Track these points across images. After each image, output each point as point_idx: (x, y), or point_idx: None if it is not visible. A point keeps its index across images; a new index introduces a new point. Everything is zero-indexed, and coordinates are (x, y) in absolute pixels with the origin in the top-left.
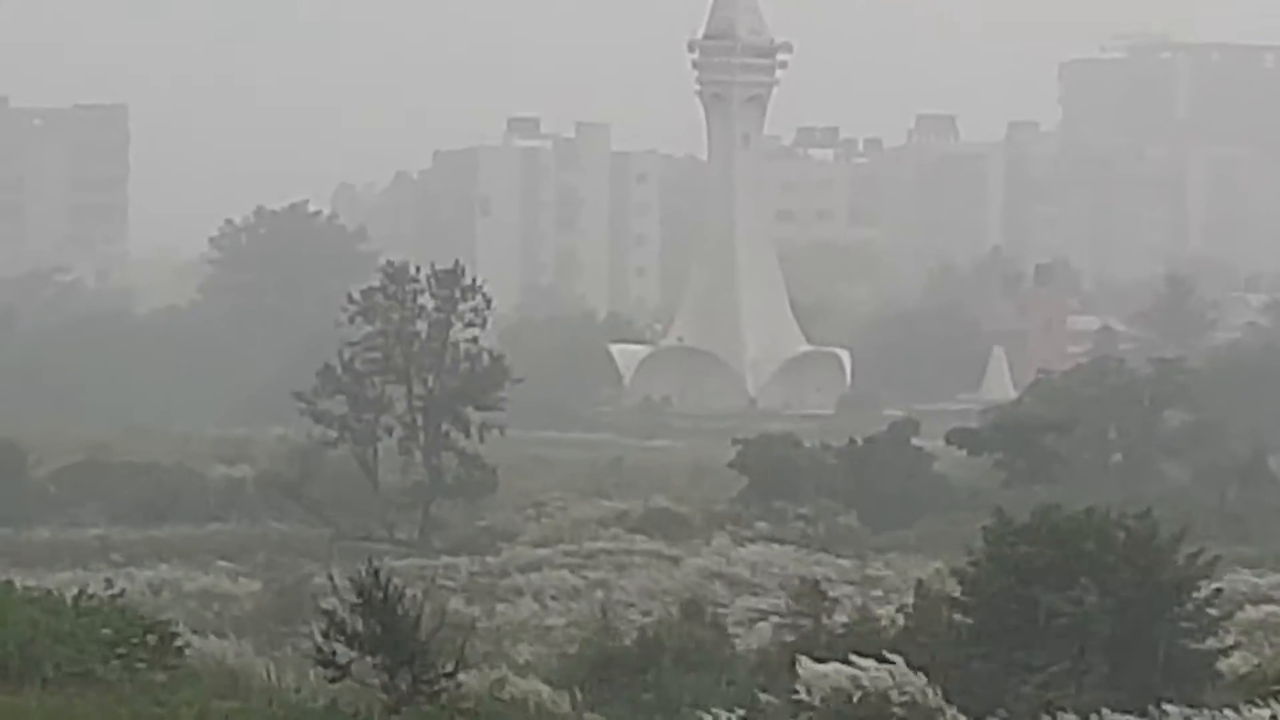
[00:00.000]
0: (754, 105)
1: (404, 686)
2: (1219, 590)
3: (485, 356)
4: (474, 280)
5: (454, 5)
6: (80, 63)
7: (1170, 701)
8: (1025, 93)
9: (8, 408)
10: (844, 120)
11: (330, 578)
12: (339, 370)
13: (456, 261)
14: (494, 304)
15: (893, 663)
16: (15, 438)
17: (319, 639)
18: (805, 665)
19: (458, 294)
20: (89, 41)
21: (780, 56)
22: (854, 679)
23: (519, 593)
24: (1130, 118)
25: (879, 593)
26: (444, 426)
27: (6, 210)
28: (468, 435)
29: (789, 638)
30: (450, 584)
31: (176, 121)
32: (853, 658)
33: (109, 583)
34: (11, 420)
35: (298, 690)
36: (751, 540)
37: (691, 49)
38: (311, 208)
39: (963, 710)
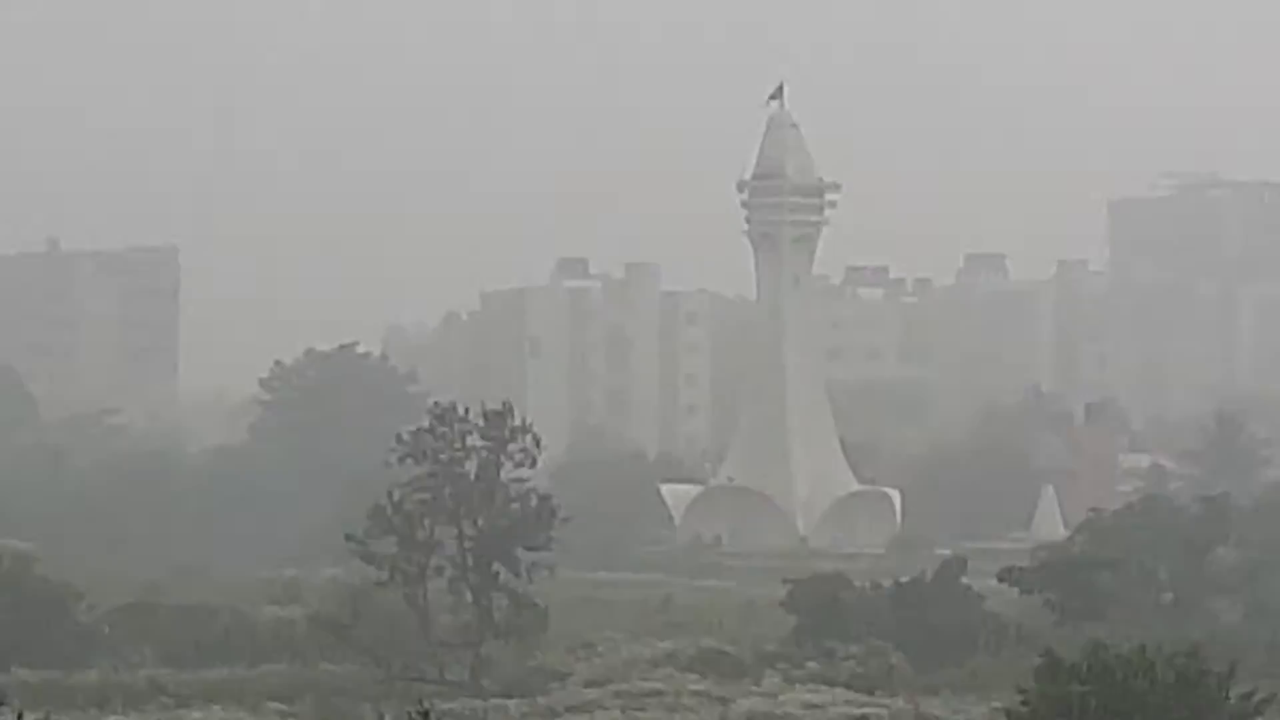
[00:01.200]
0: (803, 245)
1: None
2: None
3: (533, 497)
4: (523, 420)
5: (501, 145)
6: (131, 204)
7: None
8: (1074, 231)
9: (58, 548)
10: (893, 259)
11: (381, 718)
12: (389, 511)
13: (505, 402)
14: (544, 444)
15: None
16: (66, 578)
17: None
18: None
19: (507, 434)
20: (139, 183)
21: (829, 196)
22: None
23: None
24: (1179, 255)
25: None
26: (494, 567)
27: (58, 351)
28: (518, 575)
29: None
30: None
31: (226, 263)
32: None
33: None
34: (62, 561)
35: None
36: (802, 680)
37: (740, 189)
38: (361, 348)
39: None
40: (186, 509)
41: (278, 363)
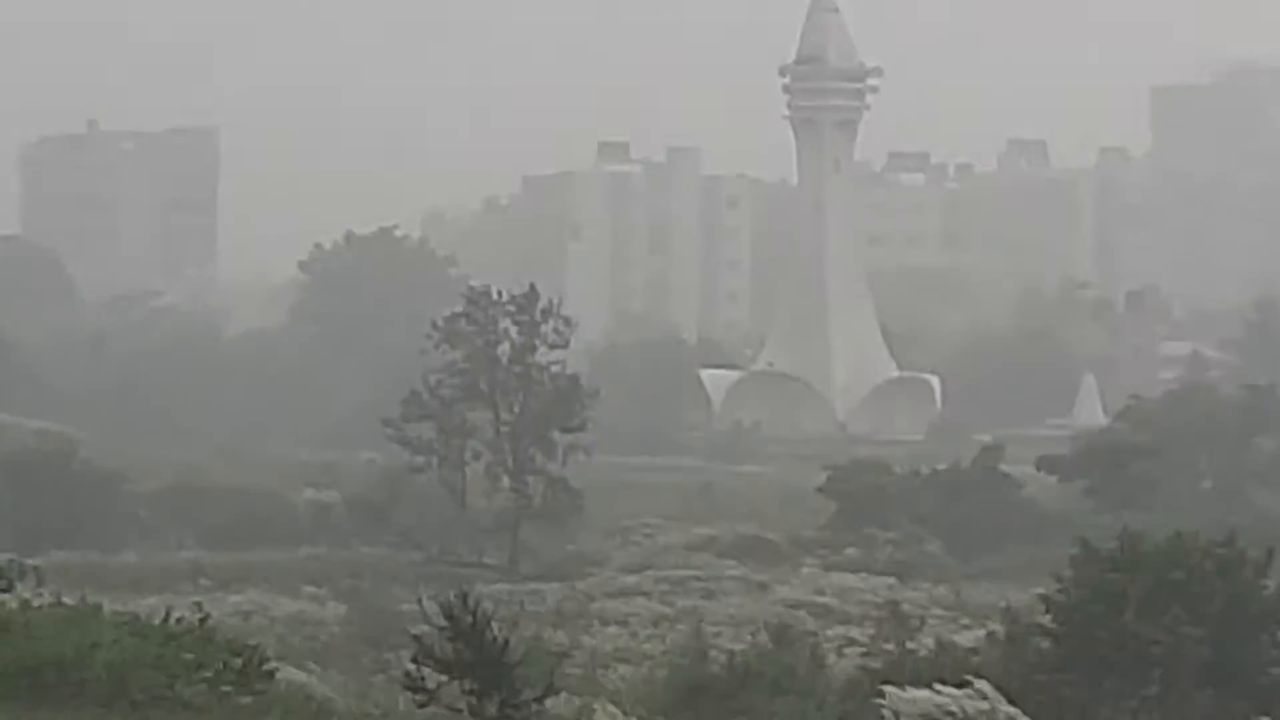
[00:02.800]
0: (845, 130)
1: (492, 711)
2: None
3: (563, 378)
4: (551, 302)
5: (543, 29)
6: (172, 86)
7: None
8: (1117, 118)
9: (99, 431)
10: (935, 145)
11: (419, 602)
12: (425, 396)
13: (531, 284)
14: (580, 326)
15: (980, 688)
16: (106, 461)
17: (408, 664)
18: (892, 693)
19: (537, 316)
20: (180, 65)
21: (871, 81)
22: (942, 705)
23: (606, 620)
24: (1222, 143)
25: (968, 620)
26: (530, 450)
27: (99, 233)
28: (553, 459)
29: (876, 665)
30: (539, 610)
31: (267, 145)
32: (939, 685)
33: (198, 606)
34: (103, 443)
35: (386, 716)
36: (841, 567)
37: (782, 73)
38: (400, 232)
39: None
40: (226, 392)
41: (317, 245)
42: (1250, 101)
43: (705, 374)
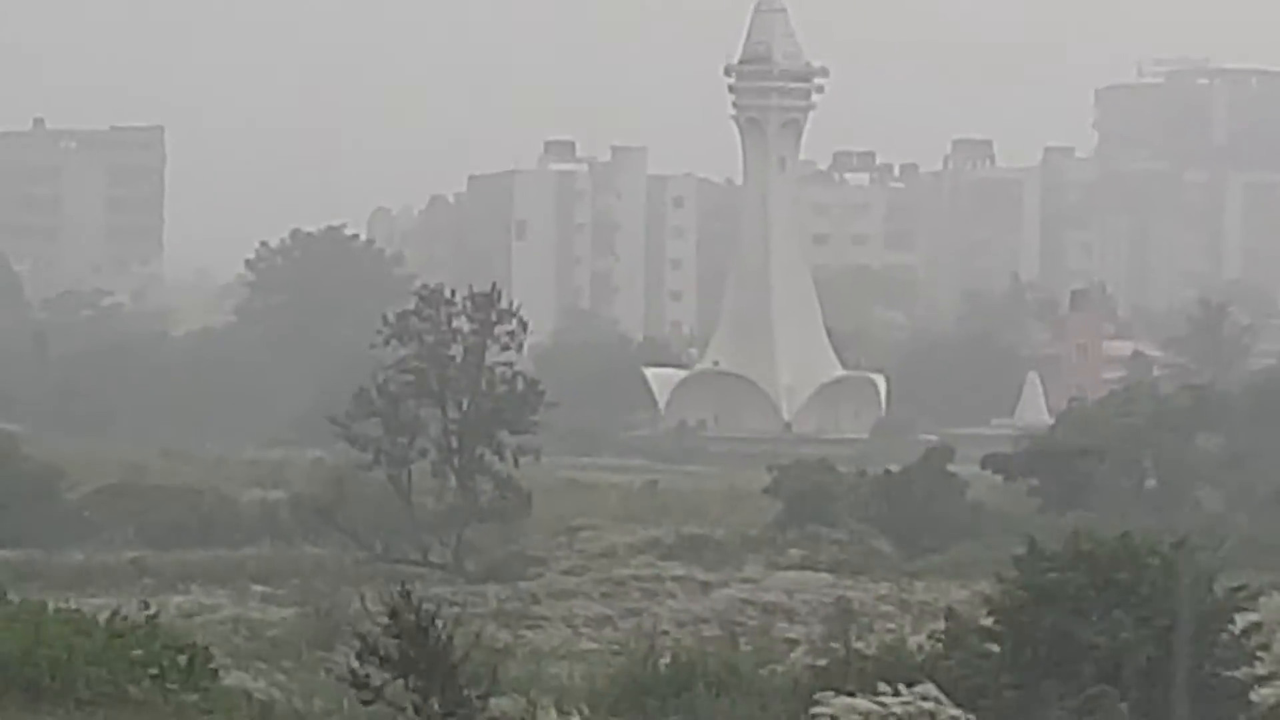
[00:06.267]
0: (790, 130)
1: (436, 709)
2: (1258, 624)
3: (520, 380)
4: (510, 304)
5: (488, 29)
6: (116, 85)
7: None
8: (1062, 118)
9: (42, 429)
10: (880, 145)
11: (361, 600)
12: (373, 393)
13: (493, 285)
14: (529, 327)
15: (924, 690)
16: (49, 460)
17: (352, 662)
18: (829, 700)
19: (493, 317)
20: (125, 64)
21: (816, 81)
22: (884, 707)
23: (550, 619)
24: (1167, 144)
25: (914, 619)
26: (478, 450)
27: (43, 232)
28: (502, 459)
29: (821, 663)
30: (483, 610)
31: (213, 144)
32: (882, 685)
33: (144, 605)
34: (46, 442)
35: (330, 714)
36: (785, 566)
37: (728, 73)
38: (347, 231)
39: None
40: (171, 390)
41: (263, 244)
42: (1195, 101)
43: (650, 373)
